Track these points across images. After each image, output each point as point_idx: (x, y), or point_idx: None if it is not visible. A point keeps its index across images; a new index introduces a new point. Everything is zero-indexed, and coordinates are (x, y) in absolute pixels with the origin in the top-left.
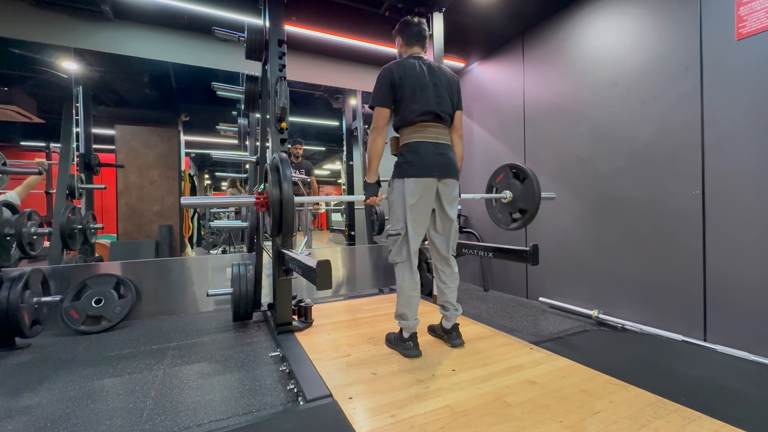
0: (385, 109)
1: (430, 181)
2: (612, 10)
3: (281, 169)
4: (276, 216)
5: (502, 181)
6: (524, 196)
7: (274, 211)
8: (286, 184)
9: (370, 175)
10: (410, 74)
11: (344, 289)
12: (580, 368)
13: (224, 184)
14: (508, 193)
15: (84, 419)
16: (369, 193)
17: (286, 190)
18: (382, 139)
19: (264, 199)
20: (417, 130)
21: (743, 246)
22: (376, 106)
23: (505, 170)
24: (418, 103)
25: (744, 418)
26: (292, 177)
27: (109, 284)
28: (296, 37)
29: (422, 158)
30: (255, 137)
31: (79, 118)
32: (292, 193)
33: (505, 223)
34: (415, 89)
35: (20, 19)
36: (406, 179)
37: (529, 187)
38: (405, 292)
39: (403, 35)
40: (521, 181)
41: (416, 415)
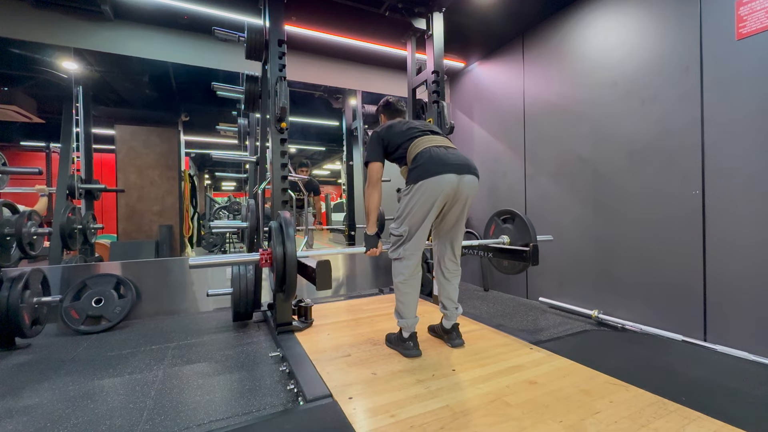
0: (378, 163)
1: (451, 177)
2: (612, 10)
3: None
4: (279, 273)
5: (495, 231)
6: (519, 234)
7: (278, 268)
8: (289, 243)
9: (370, 228)
10: (396, 124)
11: (344, 289)
12: (580, 368)
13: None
14: (505, 237)
15: (84, 419)
16: (369, 245)
17: (289, 250)
18: (378, 193)
19: (268, 256)
20: (421, 142)
21: (743, 246)
22: (371, 162)
23: (493, 220)
24: (410, 132)
25: (744, 418)
26: (291, 178)
27: (109, 284)
28: (296, 37)
29: (434, 158)
30: (255, 137)
31: (79, 118)
32: (295, 252)
33: (515, 269)
34: (403, 129)
35: (20, 19)
36: (420, 182)
37: (520, 224)
38: (403, 290)
39: (385, 113)
40: (512, 222)
41: (416, 415)
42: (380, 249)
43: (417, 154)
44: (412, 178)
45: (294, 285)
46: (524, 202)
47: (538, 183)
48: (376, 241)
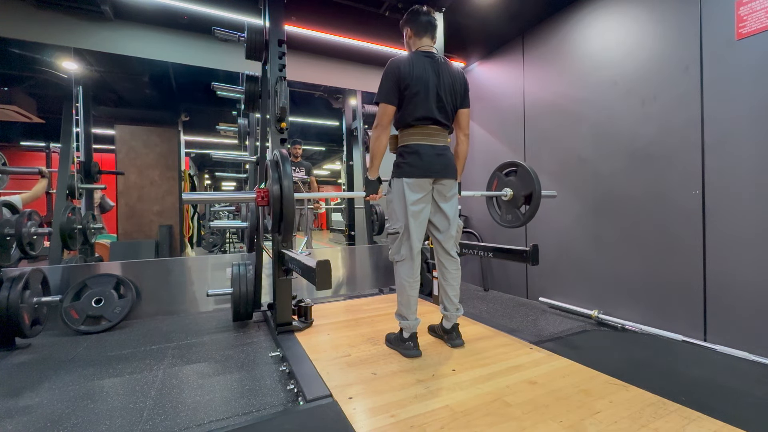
0: (391, 106)
1: (425, 182)
2: (612, 10)
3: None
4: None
5: (498, 185)
6: (523, 185)
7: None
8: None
9: (372, 172)
10: (417, 74)
11: (344, 289)
12: (580, 368)
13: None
14: (508, 190)
15: (84, 419)
16: (369, 190)
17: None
18: (386, 137)
19: (264, 195)
20: (417, 132)
21: (743, 246)
22: (382, 102)
23: (495, 175)
24: (420, 108)
25: (744, 418)
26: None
27: (109, 284)
28: (296, 37)
29: (422, 159)
30: (255, 137)
31: (79, 118)
32: (293, 188)
33: (517, 219)
34: (419, 93)
35: (20, 19)
36: (405, 179)
37: (523, 175)
38: (404, 291)
39: (412, 25)
40: (515, 175)
41: (416, 415)
42: (380, 195)
43: (406, 145)
44: (397, 172)
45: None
46: None
47: (540, 183)
48: (377, 187)
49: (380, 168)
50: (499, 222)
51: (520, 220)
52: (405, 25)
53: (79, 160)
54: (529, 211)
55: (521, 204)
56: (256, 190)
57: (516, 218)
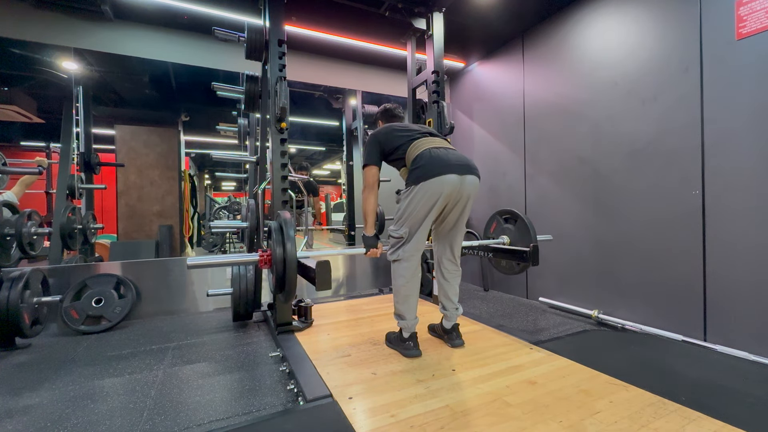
0: (375, 167)
1: (452, 177)
2: (612, 10)
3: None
4: (279, 274)
5: (495, 229)
6: (520, 235)
7: (277, 269)
8: (289, 243)
9: (368, 230)
10: (394, 127)
11: (344, 289)
12: (580, 368)
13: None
14: (506, 238)
15: (84, 419)
16: (368, 246)
17: (289, 250)
18: (374, 196)
19: (267, 257)
20: (420, 144)
21: (743, 246)
22: (368, 165)
23: (495, 218)
24: (409, 135)
25: (744, 418)
26: (291, 178)
27: (109, 284)
28: (296, 37)
29: (435, 159)
30: (255, 137)
31: (79, 118)
32: (296, 253)
33: (512, 269)
34: (401, 131)
35: (20, 19)
36: (421, 183)
37: (521, 226)
38: (402, 291)
39: (383, 119)
40: (513, 223)
41: (416, 415)
42: (380, 250)
43: (417, 156)
44: (413, 179)
45: (294, 287)
46: (524, 202)
47: (538, 183)
48: (376, 242)
49: (383, 171)
50: (494, 266)
51: (515, 270)
52: (377, 120)
53: (78, 152)
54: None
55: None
56: (258, 252)
57: (511, 268)
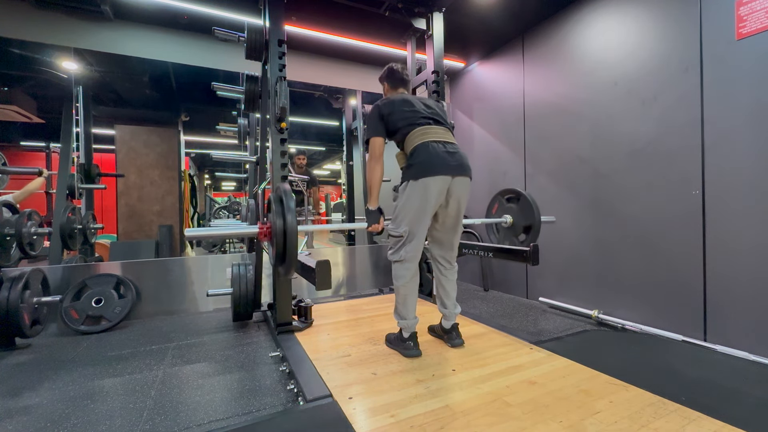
0: (379, 138)
1: (445, 179)
2: (612, 10)
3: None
4: (279, 247)
5: (498, 210)
6: (523, 214)
7: (278, 241)
8: (289, 215)
9: (372, 203)
10: (398, 103)
11: (344, 289)
12: (580, 368)
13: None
14: (508, 217)
15: (84, 419)
16: (371, 220)
17: (289, 222)
18: (380, 167)
19: (267, 230)
20: (420, 133)
21: (743, 246)
22: (371, 137)
23: (497, 199)
24: (412, 115)
25: (744, 418)
26: (291, 178)
27: (109, 284)
28: (296, 37)
29: (433, 157)
30: (255, 137)
31: (79, 118)
32: (296, 225)
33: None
34: (404, 109)
35: (20, 19)
36: (420, 180)
37: (524, 204)
38: (402, 291)
39: (388, 81)
40: (516, 202)
41: (416, 415)
42: (382, 225)
43: (415, 148)
44: (408, 174)
45: (294, 258)
46: None
47: (538, 183)
48: (378, 217)
49: (386, 170)
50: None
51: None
52: (383, 81)
53: (79, 162)
54: (527, 240)
55: (520, 232)
56: (258, 225)
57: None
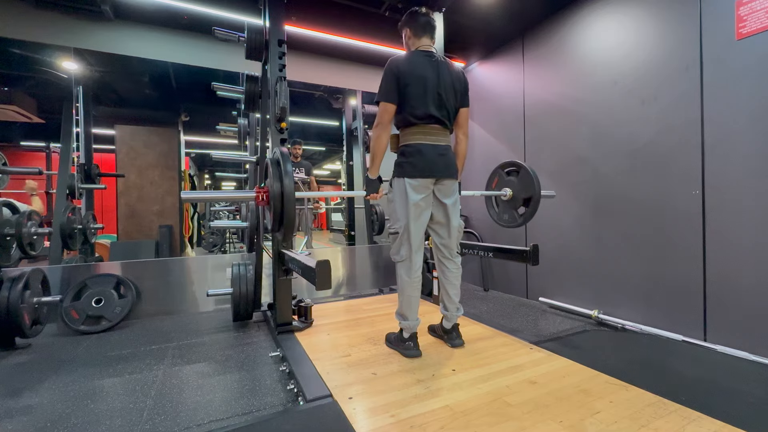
0: (391, 104)
1: (429, 182)
2: (612, 10)
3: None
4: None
5: (498, 184)
6: (523, 186)
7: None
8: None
9: (373, 171)
10: (416, 73)
11: (344, 289)
12: (580, 368)
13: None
14: (508, 190)
15: (84, 419)
16: (370, 189)
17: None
18: (386, 135)
19: (264, 194)
20: (418, 131)
21: (743, 246)
22: (382, 101)
23: (497, 172)
24: (421, 106)
25: (744, 418)
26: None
27: (109, 284)
28: (296, 37)
29: (424, 159)
30: (255, 137)
31: (79, 118)
32: (294, 187)
33: (513, 220)
34: (419, 90)
35: (20, 19)
36: (407, 179)
37: (524, 176)
38: (405, 291)
39: (410, 26)
40: (516, 175)
41: (416, 415)
42: (381, 194)
43: (407, 144)
44: (399, 171)
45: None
46: None
47: (540, 182)
48: (378, 186)
49: (381, 168)
50: (495, 220)
51: (517, 221)
52: (404, 26)
53: (79, 162)
54: (527, 212)
55: (520, 205)
56: (255, 189)
57: (513, 219)
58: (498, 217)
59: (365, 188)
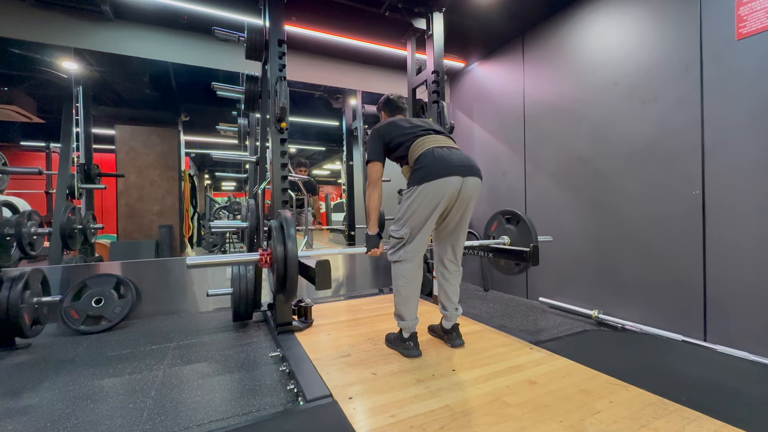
0: (378, 164)
1: (455, 179)
2: (612, 10)
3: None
4: (280, 274)
5: (497, 228)
6: (521, 236)
7: (278, 268)
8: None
9: (371, 228)
10: (397, 121)
11: (344, 289)
12: (580, 368)
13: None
14: (506, 238)
15: (84, 419)
16: (370, 245)
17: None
18: (378, 193)
19: (268, 256)
20: (423, 142)
21: (743, 246)
22: (371, 161)
23: (497, 218)
24: (411, 131)
25: (744, 418)
26: (291, 178)
27: (109, 284)
28: (296, 37)
29: (438, 160)
30: (255, 137)
31: (79, 118)
32: (297, 252)
33: (511, 270)
34: (404, 126)
35: (20, 19)
36: (425, 184)
37: (523, 228)
38: (401, 292)
39: (386, 109)
40: (515, 224)
41: (416, 415)
42: (381, 249)
43: (420, 155)
44: (415, 179)
45: (295, 286)
46: (524, 201)
47: (538, 183)
48: (377, 242)
49: (388, 172)
50: (493, 266)
51: (514, 270)
52: (380, 110)
53: (79, 162)
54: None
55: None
56: (259, 251)
57: (510, 268)
58: (496, 265)
59: (366, 245)
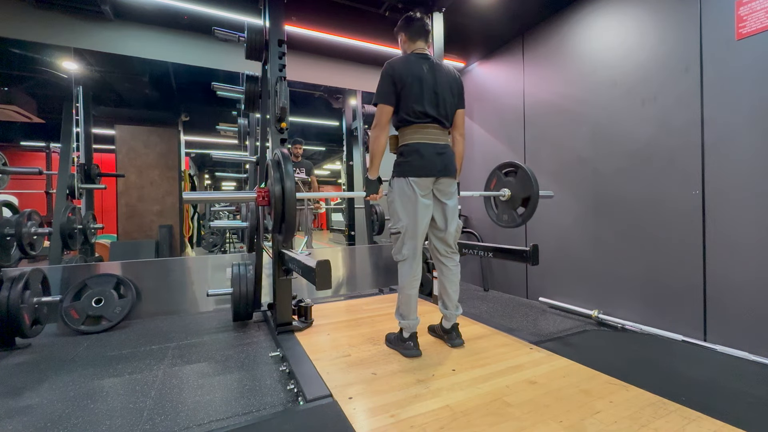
0: (388, 106)
1: (429, 180)
2: (612, 10)
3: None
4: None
5: (496, 185)
6: (521, 186)
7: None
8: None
9: (372, 172)
10: (412, 73)
11: (344, 289)
12: (580, 368)
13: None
14: (506, 190)
15: (84, 419)
16: (370, 190)
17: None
18: (384, 136)
19: (265, 194)
20: (417, 130)
21: (743, 246)
22: (379, 104)
23: (495, 174)
24: (418, 105)
25: (744, 418)
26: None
27: (109, 284)
28: (296, 37)
29: (423, 158)
30: (255, 137)
31: (79, 118)
32: (294, 189)
33: (513, 220)
34: (415, 90)
35: (20, 19)
36: (407, 178)
37: (522, 176)
38: (404, 290)
39: (405, 31)
40: (514, 175)
41: (416, 415)
42: (380, 195)
43: (406, 144)
44: (398, 171)
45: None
46: None
47: (538, 182)
48: (377, 187)
49: (380, 168)
50: (495, 221)
51: (516, 221)
52: (399, 31)
53: (79, 162)
54: (525, 212)
55: (518, 205)
56: (256, 189)
57: (512, 219)
58: (497, 218)
59: (365, 189)
